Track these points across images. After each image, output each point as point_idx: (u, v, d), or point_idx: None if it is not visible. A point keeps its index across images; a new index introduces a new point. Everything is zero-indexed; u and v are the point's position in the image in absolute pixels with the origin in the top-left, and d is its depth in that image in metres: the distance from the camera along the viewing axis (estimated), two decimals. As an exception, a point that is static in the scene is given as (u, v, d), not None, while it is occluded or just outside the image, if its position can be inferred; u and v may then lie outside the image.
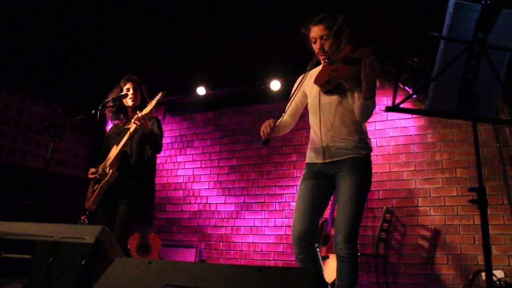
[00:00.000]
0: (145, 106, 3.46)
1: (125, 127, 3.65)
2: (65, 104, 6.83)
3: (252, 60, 5.51)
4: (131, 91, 3.65)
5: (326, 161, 2.63)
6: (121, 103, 3.70)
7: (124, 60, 5.74)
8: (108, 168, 3.45)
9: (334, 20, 2.67)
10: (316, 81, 2.70)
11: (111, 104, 3.69)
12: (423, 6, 4.05)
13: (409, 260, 4.94)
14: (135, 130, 3.41)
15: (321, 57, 2.70)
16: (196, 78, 6.16)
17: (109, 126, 4.30)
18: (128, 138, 3.46)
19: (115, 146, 3.57)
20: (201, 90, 6.24)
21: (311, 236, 2.57)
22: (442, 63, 1.81)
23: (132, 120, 3.30)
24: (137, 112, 3.32)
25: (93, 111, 3.67)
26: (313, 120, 2.79)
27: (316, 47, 2.72)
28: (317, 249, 2.63)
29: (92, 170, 3.58)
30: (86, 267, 1.86)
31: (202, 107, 6.64)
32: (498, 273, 4.34)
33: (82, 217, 4.44)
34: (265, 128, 2.64)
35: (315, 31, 2.71)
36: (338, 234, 2.49)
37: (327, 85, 2.63)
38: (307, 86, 2.86)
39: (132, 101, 3.64)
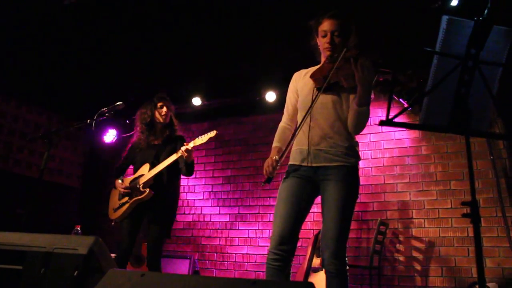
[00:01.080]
0: (173, 126, 3.91)
1: (154, 143, 3.87)
2: (61, 112, 6.81)
3: (248, 71, 5.53)
4: (164, 109, 3.89)
5: (313, 165, 2.49)
6: (153, 119, 3.91)
7: (120, 70, 5.75)
8: (142, 186, 3.63)
9: (348, 21, 2.60)
10: (312, 75, 2.58)
11: (106, 113, 3.70)
12: (418, 21, 4.09)
13: (403, 272, 4.93)
14: (180, 156, 3.64)
15: (327, 52, 2.57)
16: (192, 89, 6.18)
17: (105, 135, 4.29)
18: (166, 161, 3.67)
19: (147, 164, 3.76)
20: (196, 101, 6.25)
21: (291, 243, 2.42)
22: (436, 77, 1.83)
23: (181, 149, 3.55)
24: (185, 143, 3.61)
25: (88, 121, 3.68)
26: (302, 118, 2.58)
27: (325, 40, 2.58)
28: (291, 265, 2.48)
29: (123, 184, 3.75)
30: (79, 279, 1.85)
31: (198, 118, 6.65)
32: (492, 286, 4.34)
33: (75, 227, 4.43)
34: (267, 167, 2.52)
35: (328, 24, 2.57)
36: (326, 249, 2.36)
37: (322, 80, 2.48)
38: (300, 82, 2.74)
39: (164, 119, 3.89)
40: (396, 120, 1.80)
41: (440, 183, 5.00)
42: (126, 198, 3.71)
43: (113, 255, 2.92)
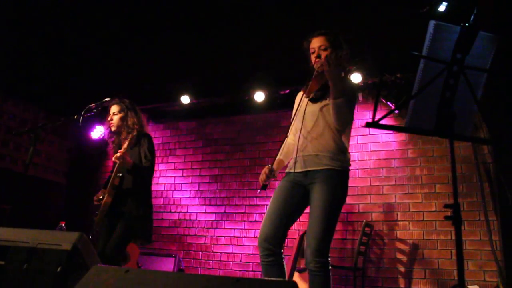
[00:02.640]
0: (127, 127, 3.68)
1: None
2: (47, 107, 6.74)
3: (237, 70, 5.53)
4: (109, 119, 3.76)
5: (302, 170, 2.65)
6: (112, 130, 3.79)
7: (109, 66, 5.72)
8: (106, 196, 3.56)
9: (335, 35, 2.77)
10: (304, 89, 2.77)
11: (94, 109, 3.69)
12: (406, 26, 4.13)
13: (387, 274, 4.97)
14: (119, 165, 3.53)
15: (315, 65, 2.73)
16: (181, 87, 6.16)
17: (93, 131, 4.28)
18: (118, 166, 3.56)
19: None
20: (185, 99, 6.23)
21: (276, 240, 2.55)
22: (422, 81, 1.85)
23: (113, 158, 3.45)
24: (118, 150, 3.47)
25: (76, 116, 3.66)
26: (295, 126, 2.82)
27: (314, 56, 2.77)
28: (282, 257, 2.60)
29: (98, 196, 3.69)
30: (62, 274, 1.84)
31: (186, 116, 6.63)
32: (474, 288, 4.40)
33: (60, 223, 4.39)
34: (261, 175, 2.69)
35: (315, 42, 2.76)
36: (308, 247, 2.48)
37: (309, 92, 2.69)
38: (299, 99, 2.92)
39: (115, 128, 3.75)
40: (382, 122, 1.82)
41: (426, 186, 5.05)
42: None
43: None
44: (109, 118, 3.76)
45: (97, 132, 6.91)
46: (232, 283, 1.42)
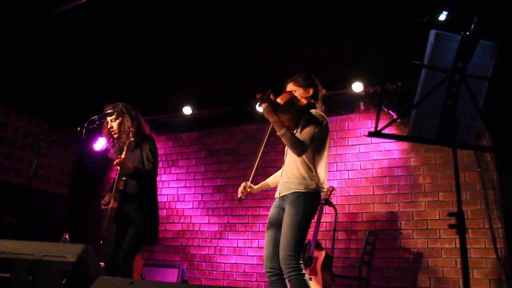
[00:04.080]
0: (127, 133, 3.69)
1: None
2: (50, 120, 6.77)
3: (239, 81, 5.55)
4: (109, 126, 3.77)
5: (280, 195, 3.12)
6: (112, 138, 3.80)
7: (110, 78, 5.75)
8: (112, 201, 3.59)
9: (304, 77, 3.33)
10: None
11: (96, 121, 3.70)
12: (407, 35, 4.15)
13: (391, 283, 4.95)
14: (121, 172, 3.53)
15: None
16: (183, 98, 6.19)
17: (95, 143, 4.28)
18: (120, 173, 3.56)
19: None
20: (187, 110, 6.26)
21: (276, 260, 2.95)
22: (424, 90, 1.86)
23: (114, 163, 3.45)
24: (118, 156, 3.48)
25: (78, 128, 3.67)
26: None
27: None
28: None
29: (105, 200, 3.73)
30: (67, 286, 1.84)
31: (188, 127, 6.64)
32: (479, 297, 4.37)
33: (64, 235, 4.39)
34: (239, 189, 3.26)
35: (288, 87, 3.33)
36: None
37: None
38: None
39: (117, 135, 3.76)
40: (385, 131, 1.82)
41: (429, 194, 5.04)
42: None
43: (101, 263, 2.91)
44: (109, 126, 3.76)
45: (100, 144, 6.92)
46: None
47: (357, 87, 5.31)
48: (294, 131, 3.04)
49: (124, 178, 3.61)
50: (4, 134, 6.23)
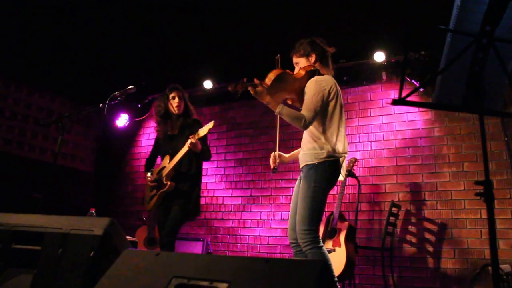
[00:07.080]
0: (188, 113, 4.04)
1: (170, 133, 4.06)
2: (73, 97, 6.85)
3: (260, 53, 5.49)
4: (176, 100, 4.02)
5: (301, 167, 3.09)
6: (167, 111, 4.05)
7: (131, 54, 5.76)
8: (165, 178, 3.85)
9: (302, 45, 3.34)
10: None
11: (118, 97, 3.74)
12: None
13: (415, 254, 4.94)
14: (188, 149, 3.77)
15: None
16: (203, 72, 6.17)
17: (118, 119, 4.26)
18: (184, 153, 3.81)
19: (167, 156, 3.99)
20: (208, 84, 6.24)
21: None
22: (449, 56, 1.81)
23: (186, 144, 3.70)
24: (190, 137, 3.69)
25: (101, 105, 3.71)
26: None
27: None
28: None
29: (150, 177, 4.00)
30: (95, 259, 1.88)
31: (209, 101, 6.64)
32: (505, 268, 4.32)
33: (90, 210, 4.48)
34: (270, 161, 3.31)
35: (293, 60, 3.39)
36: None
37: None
38: None
39: (178, 109, 4.01)
40: (408, 99, 1.79)
41: (453, 165, 4.97)
42: (154, 191, 3.94)
43: (128, 237, 2.97)
44: (176, 101, 4.00)
45: (122, 120, 7.00)
46: (262, 264, 1.43)
47: (379, 57, 5.21)
48: None
49: (181, 158, 3.82)
50: (29, 113, 6.33)
